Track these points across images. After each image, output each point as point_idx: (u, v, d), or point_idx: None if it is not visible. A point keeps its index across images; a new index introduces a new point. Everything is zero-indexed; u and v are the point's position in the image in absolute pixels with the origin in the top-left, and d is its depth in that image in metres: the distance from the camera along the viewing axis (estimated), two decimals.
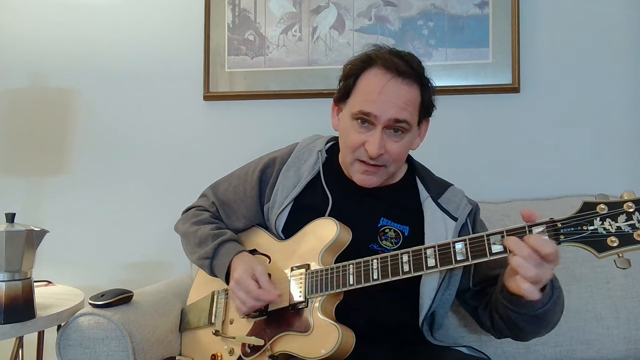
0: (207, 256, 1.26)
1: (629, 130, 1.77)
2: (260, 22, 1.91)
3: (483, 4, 1.80)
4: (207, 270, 1.29)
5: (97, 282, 1.87)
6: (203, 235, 1.29)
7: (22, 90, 2.03)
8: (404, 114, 1.15)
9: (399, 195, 1.27)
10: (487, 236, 0.99)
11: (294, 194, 1.27)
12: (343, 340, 1.06)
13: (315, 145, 1.34)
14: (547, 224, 0.95)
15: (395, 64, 1.15)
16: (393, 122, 1.15)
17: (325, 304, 1.12)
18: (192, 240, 1.33)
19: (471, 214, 1.25)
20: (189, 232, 1.34)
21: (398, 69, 1.14)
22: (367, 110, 1.15)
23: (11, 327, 1.18)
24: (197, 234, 1.31)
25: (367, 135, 1.16)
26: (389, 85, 1.14)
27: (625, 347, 1.45)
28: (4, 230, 1.20)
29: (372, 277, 1.07)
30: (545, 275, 0.94)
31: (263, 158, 1.38)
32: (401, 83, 1.15)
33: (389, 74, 1.15)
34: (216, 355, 1.25)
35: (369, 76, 1.18)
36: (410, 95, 1.16)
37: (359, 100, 1.18)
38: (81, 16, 2.00)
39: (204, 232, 1.30)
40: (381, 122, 1.14)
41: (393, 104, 1.14)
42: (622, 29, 1.77)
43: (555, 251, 0.93)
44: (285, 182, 1.29)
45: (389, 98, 1.14)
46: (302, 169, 1.30)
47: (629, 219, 0.89)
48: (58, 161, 2.00)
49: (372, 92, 1.15)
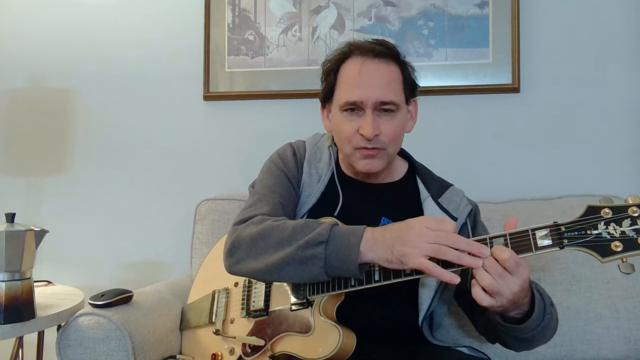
0: (320, 240, 0.99)
1: (629, 131, 1.77)
2: (260, 22, 1.91)
3: (483, 4, 1.80)
4: (315, 264, 0.99)
5: (97, 282, 1.88)
6: (298, 224, 1.04)
7: (22, 90, 2.03)
8: (389, 95, 1.15)
9: (400, 194, 1.27)
10: (489, 239, 0.97)
11: (318, 193, 1.25)
12: (344, 341, 1.05)
13: (324, 143, 1.33)
14: (550, 227, 0.93)
15: (370, 47, 1.17)
16: (380, 104, 1.15)
17: (327, 305, 1.12)
18: (277, 236, 1.04)
19: (471, 214, 1.25)
20: (272, 227, 1.06)
21: (373, 51, 1.16)
22: (353, 100, 1.15)
23: (11, 327, 1.18)
24: (286, 224, 1.05)
25: (359, 122, 1.16)
26: (366, 65, 1.15)
27: (625, 347, 1.45)
28: (4, 230, 1.20)
29: (374, 278, 1.05)
30: (505, 287, 0.90)
31: (284, 149, 1.31)
32: (378, 62, 1.16)
33: (367, 58, 1.16)
34: (216, 355, 1.26)
35: (347, 66, 1.19)
36: (391, 73, 1.17)
37: (342, 91, 1.19)
38: (81, 16, 2.00)
39: (298, 222, 1.05)
40: (369, 106, 1.15)
41: (376, 86, 1.14)
42: (622, 29, 1.77)
43: (510, 257, 0.90)
44: (309, 178, 1.27)
45: (370, 80, 1.15)
46: (319, 167, 1.29)
47: (633, 223, 0.88)
48: (58, 161, 2.00)
49: (352, 79, 1.16)
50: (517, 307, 0.97)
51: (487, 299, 0.92)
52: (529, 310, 1.00)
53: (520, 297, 0.94)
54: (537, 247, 0.93)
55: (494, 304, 0.92)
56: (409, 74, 1.21)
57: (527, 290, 0.95)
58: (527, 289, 0.95)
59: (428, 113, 1.80)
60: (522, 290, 0.93)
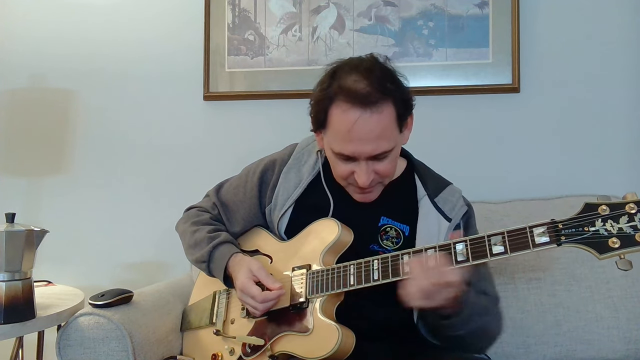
0: (204, 260, 1.27)
1: (629, 130, 1.77)
2: (260, 22, 1.91)
3: (483, 4, 1.80)
4: (205, 272, 1.31)
5: (97, 282, 1.87)
6: (199, 238, 1.30)
7: (22, 90, 2.03)
8: (382, 146, 1.11)
9: (398, 193, 1.28)
10: (487, 237, 0.99)
11: (296, 196, 1.27)
12: (343, 340, 1.06)
13: (315, 146, 1.33)
14: (548, 224, 0.95)
15: (357, 93, 1.07)
16: (373, 156, 1.13)
17: (326, 305, 1.12)
18: (188, 242, 1.34)
19: (465, 216, 1.25)
20: (187, 232, 1.35)
21: (362, 100, 1.07)
22: (346, 153, 1.12)
23: (11, 327, 1.18)
24: (194, 235, 1.32)
25: (353, 166, 1.15)
26: (358, 123, 1.08)
27: (625, 347, 1.45)
28: (4, 230, 1.20)
29: (373, 277, 1.08)
30: (435, 295, 0.99)
31: (263, 160, 1.38)
32: (370, 116, 1.08)
33: (355, 109, 1.08)
34: (217, 355, 1.26)
35: (337, 114, 1.11)
36: (382, 122, 1.09)
37: (334, 140, 1.14)
38: (81, 16, 2.00)
39: (200, 235, 1.31)
40: (362, 158, 1.13)
41: (368, 141, 1.10)
42: (622, 29, 1.77)
43: (435, 267, 0.99)
44: (287, 183, 1.29)
45: (361, 136, 1.09)
46: (302, 170, 1.30)
47: (630, 220, 0.89)
48: (58, 161, 2.00)
49: (344, 133, 1.10)
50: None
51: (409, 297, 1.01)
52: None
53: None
54: (535, 244, 0.95)
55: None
56: (402, 102, 1.13)
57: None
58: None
59: (428, 113, 1.81)
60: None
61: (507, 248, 0.97)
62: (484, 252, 0.99)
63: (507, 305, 1.48)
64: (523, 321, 1.48)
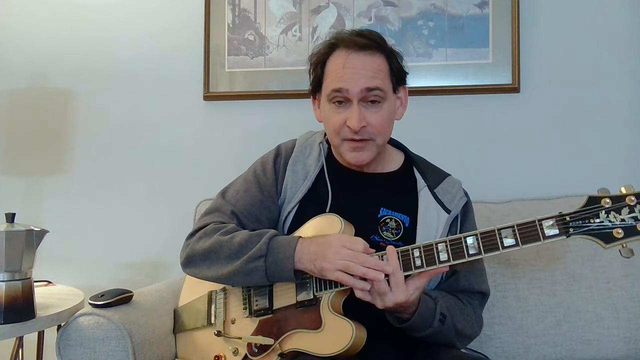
0: (260, 254, 1.12)
1: (629, 130, 1.77)
2: (260, 22, 1.91)
3: (483, 4, 1.80)
4: (258, 274, 1.13)
5: (97, 282, 1.87)
6: (244, 239, 1.15)
7: (22, 90, 2.03)
8: (374, 81, 1.17)
9: (397, 184, 1.28)
10: (498, 230, 1.02)
11: (305, 189, 1.27)
12: (357, 334, 1.06)
13: (315, 139, 1.34)
14: (556, 217, 0.99)
15: (355, 41, 1.19)
16: (366, 92, 1.17)
17: (334, 300, 1.12)
18: (226, 251, 1.16)
19: (464, 208, 1.26)
20: (220, 242, 1.18)
21: (358, 45, 1.19)
22: (338, 87, 1.18)
23: (11, 327, 1.18)
24: (233, 241, 1.16)
25: (346, 114, 1.19)
26: (351, 58, 1.18)
27: (625, 347, 1.45)
28: (4, 230, 1.20)
29: None
30: (385, 299, 1.04)
31: (269, 153, 1.36)
32: (363, 55, 1.18)
33: (350, 50, 1.19)
34: (220, 356, 1.24)
35: (333, 59, 1.21)
36: (376, 63, 1.19)
37: (329, 82, 1.21)
38: (81, 16, 2.00)
39: (243, 236, 1.16)
40: (354, 95, 1.17)
41: (360, 74, 1.17)
42: (622, 29, 1.77)
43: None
44: (294, 176, 1.29)
45: (354, 69, 1.17)
46: (308, 163, 1.30)
47: (631, 211, 0.95)
48: (58, 161, 2.00)
49: (338, 70, 1.19)
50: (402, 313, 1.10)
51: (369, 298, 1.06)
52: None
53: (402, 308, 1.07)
54: (545, 236, 0.99)
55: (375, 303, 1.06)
56: (396, 62, 1.23)
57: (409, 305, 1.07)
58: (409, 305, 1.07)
59: (428, 113, 1.82)
60: (400, 305, 1.06)
61: (517, 240, 1.00)
62: (495, 245, 1.02)
63: (507, 305, 1.49)
64: (523, 321, 1.48)
